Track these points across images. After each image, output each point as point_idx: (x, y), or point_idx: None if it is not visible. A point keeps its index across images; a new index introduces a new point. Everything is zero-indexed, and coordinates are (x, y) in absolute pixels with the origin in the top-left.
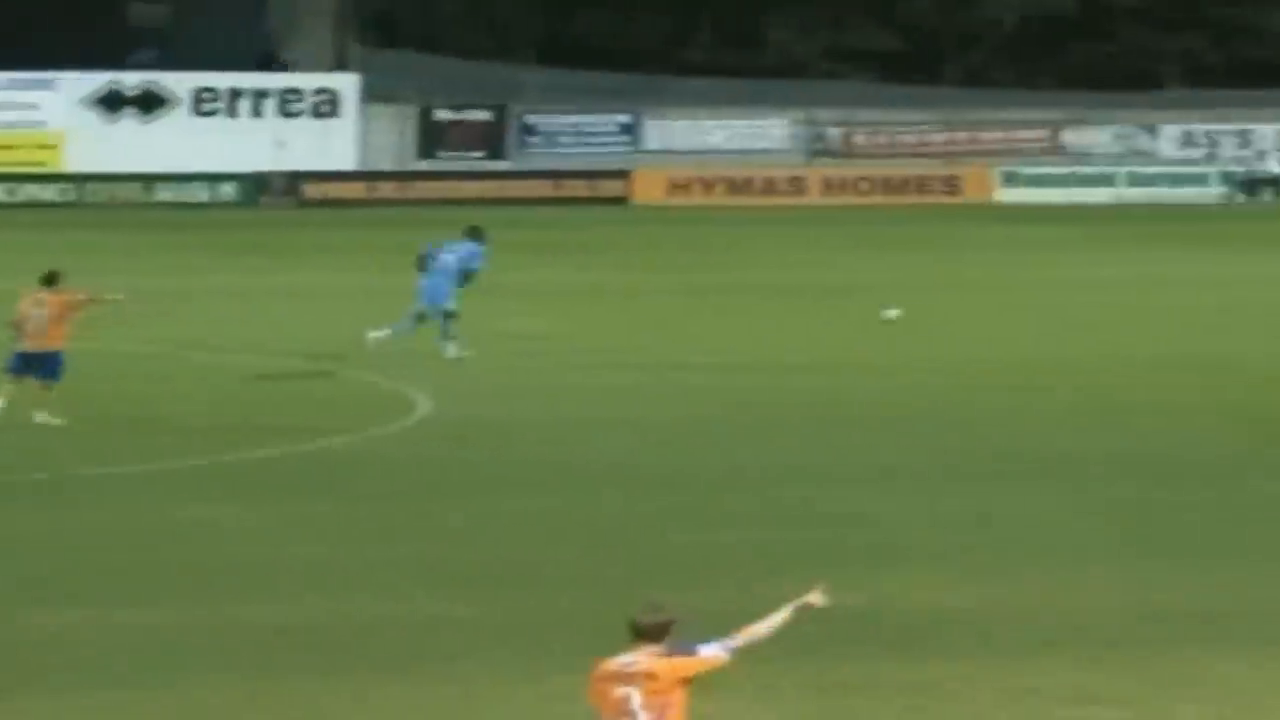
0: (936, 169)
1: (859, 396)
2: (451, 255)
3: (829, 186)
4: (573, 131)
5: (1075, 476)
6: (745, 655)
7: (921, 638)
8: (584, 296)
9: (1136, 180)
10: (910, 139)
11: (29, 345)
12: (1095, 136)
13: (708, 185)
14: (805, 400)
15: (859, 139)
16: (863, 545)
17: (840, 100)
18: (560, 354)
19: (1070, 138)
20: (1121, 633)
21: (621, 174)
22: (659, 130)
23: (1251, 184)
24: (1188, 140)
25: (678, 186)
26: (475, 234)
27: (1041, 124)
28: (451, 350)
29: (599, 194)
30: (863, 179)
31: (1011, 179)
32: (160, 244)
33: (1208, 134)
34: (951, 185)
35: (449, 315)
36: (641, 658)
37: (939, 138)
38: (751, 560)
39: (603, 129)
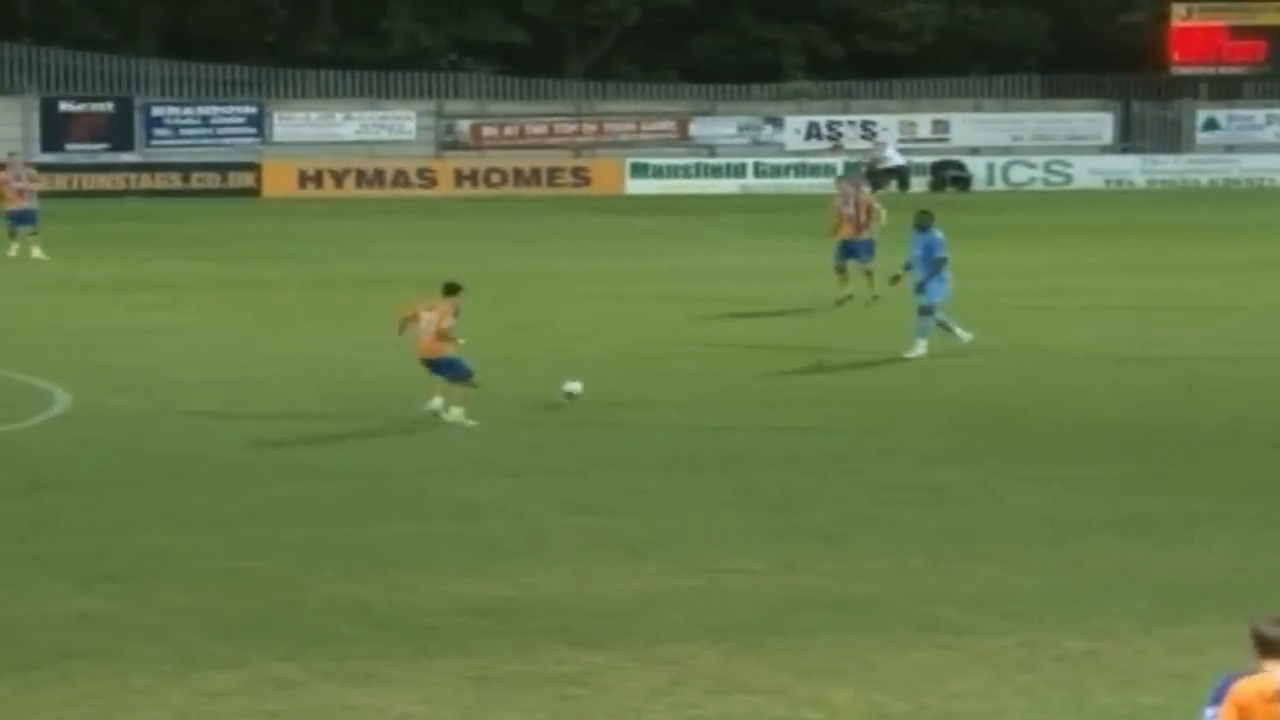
0: (566, 160)
1: (506, 390)
2: None
3: (460, 178)
4: (200, 123)
5: (719, 466)
6: (394, 644)
7: (573, 628)
8: (217, 289)
9: (763, 171)
10: (539, 130)
11: None
12: (721, 128)
13: (338, 178)
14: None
15: (489, 131)
16: (508, 536)
17: (469, 92)
18: (195, 346)
19: (697, 129)
20: (771, 621)
21: (251, 166)
22: (287, 123)
23: (875, 175)
24: (812, 131)
25: (308, 178)
26: None
27: (668, 115)
28: None
29: (229, 186)
30: (493, 170)
31: (640, 170)
32: None
33: (831, 125)
34: (581, 176)
35: None
36: None
37: (568, 129)
38: (400, 553)
39: (230, 121)
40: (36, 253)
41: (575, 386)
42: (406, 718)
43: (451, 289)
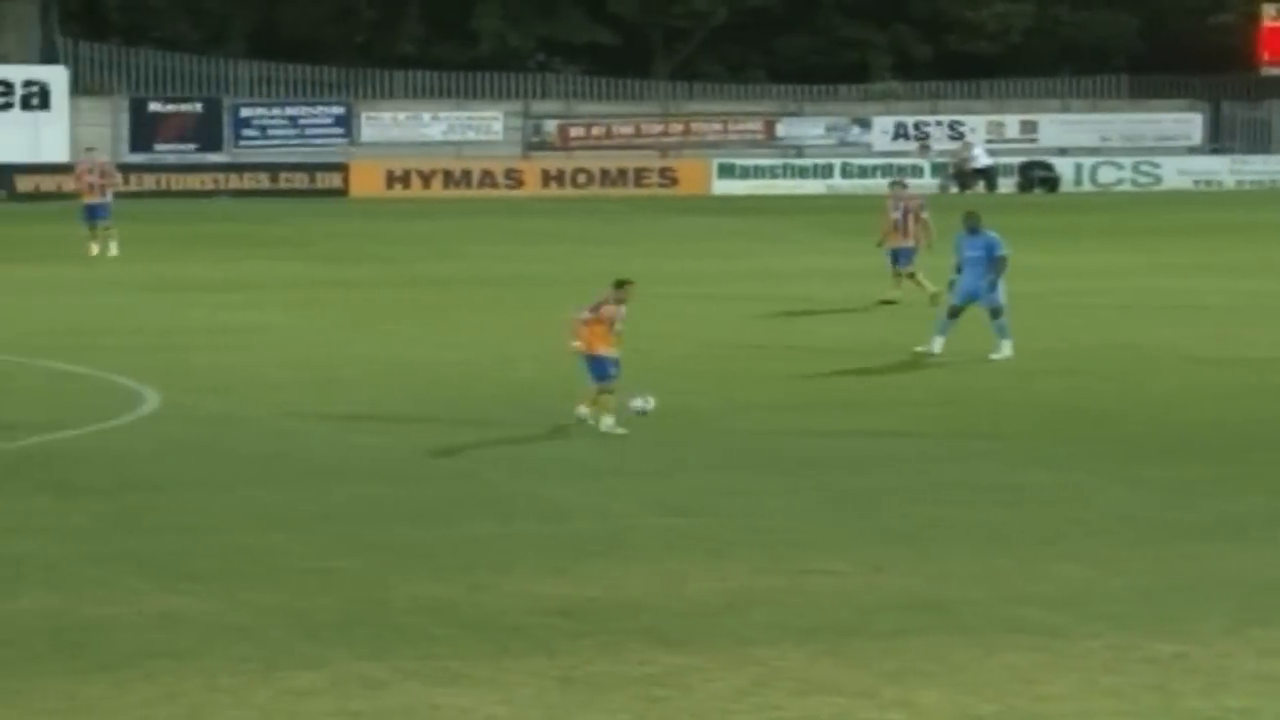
0: (652, 161)
1: (573, 389)
2: None
3: (547, 179)
4: (287, 124)
5: (803, 467)
6: (478, 644)
7: (657, 629)
8: (304, 289)
9: (850, 172)
10: (626, 131)
11: None
12: (808, 128)
13: (425, 178)
14: (523, 391)
15: (576, 131)
16: (592, 536)
17: (556, 93)
18: (282, 347)
19: (784, 130)
20: (856, 622)
21: (339, 167)
22: (374, 123)
23: (963, 176)
24: (900, 132)
25: (396, 179)
26: None
27: (755, 116)
28: None
29: (317, 186)
30: (580, 171)
31: (726, 170)
32: None
33: (918, 126)
34: (668, 177)
35: None
36: None
37: (654, 129)
38: (484, 553)
39: (317, 121)
40: (113, 248)
41: (644, 403)
42: (491, 718)
43: (618, 283)
